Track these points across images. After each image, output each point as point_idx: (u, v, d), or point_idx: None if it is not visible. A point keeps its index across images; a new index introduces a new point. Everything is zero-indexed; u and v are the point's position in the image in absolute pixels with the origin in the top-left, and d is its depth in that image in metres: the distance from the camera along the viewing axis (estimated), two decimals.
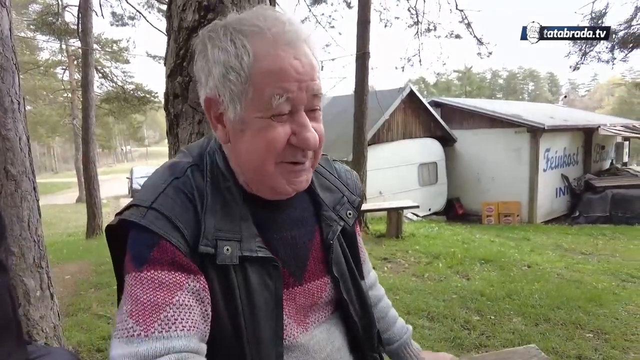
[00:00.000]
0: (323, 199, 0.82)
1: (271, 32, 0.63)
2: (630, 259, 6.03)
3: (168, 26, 1.49)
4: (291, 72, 0.62)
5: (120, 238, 0.68)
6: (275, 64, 0.62)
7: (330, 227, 0.80)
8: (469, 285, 4.16)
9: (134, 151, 65.97)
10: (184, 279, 0.63)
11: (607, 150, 14.78)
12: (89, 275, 4.83)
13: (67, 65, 20.08)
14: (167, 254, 0.63)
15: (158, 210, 0.64)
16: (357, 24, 7.31)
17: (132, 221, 0.63)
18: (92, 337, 3.00)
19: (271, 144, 0.64)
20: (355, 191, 0.89)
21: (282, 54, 0.62)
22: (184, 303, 0.62)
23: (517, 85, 69.22)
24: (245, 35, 0.63)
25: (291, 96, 0.63)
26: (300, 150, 0.67)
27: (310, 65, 0.64)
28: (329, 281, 0.80)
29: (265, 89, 0.62)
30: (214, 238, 0.65)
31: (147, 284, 0.61)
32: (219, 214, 0.68)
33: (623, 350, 2.74)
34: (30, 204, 2.37)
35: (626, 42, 6.02)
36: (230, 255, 0.66)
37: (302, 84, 0.63)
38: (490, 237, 7.61)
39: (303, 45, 0.65)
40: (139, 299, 0.61)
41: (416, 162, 12.38)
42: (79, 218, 13.57)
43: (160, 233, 0.62)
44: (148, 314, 0.59)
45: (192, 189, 0.68)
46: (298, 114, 0.65)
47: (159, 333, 0.59)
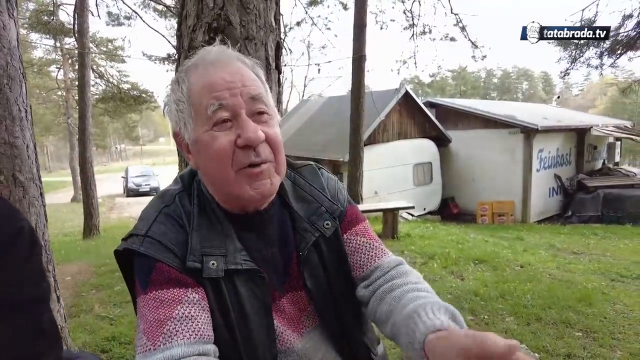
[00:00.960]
0: (297, 210, 0.85)
1: (200, 60, 0.76)
2: (620, 258, 6.17)
3: (178, 45, 1.57)
4: (220, 82, 0.72)
5: (126, 259, 0.78)
6: (204, 80, 0.73)
7: (304, 239, 0.84)
8: (463, 285, 4.26)
9: (128, 150, 65.62)
10: (182, 293, 0.72)
11: (599, 150, 14.96)
12: (90, 277, 4.87)
13: (61, 63, 20.00)
14: (164, 274, 0.72)
15: (152, 237, 0.74)
16: (353, 27, 7.40)
17: (133, 249, 0.74)
18: (97, 338, 3.06)
19: (220, 151, 0.72)
20: (338, 201, 0.91)
21: (210, 71, 0.74)
22: (184, 315, 0.70)
23: (511, 84, 69.58)
24: (184, 72, 0.77)
25: (224, 102, 0.71)
26: (252, 150, 0.72)
27: (241, 75, 0.74)
28: (305, 292, 0.85)
29: (202, 103, 0.72)
30: (200, 254, 0.74)
31: (151, 303, 0.71)
32: (205, 232, 0.76)
33: (610, 348, 2.85)
34: (37, 209, 2.43)
35: (614, 49, 6.18)
36: (216, 269, 0.74)
37: (234, 90, 0.72)
38: (484, 237, 7.72)
39: (231, 61, 0.76)
40: (147, 318, 0.70)
41: (411, 162, 12.49)
42: (75, 218, 13.57)
43: (155, 257, 0.72)
44: (154, 330, 0.69)
45: (180, 214, 0.78)
46: (238, 118, 0.72)
47: (163, 345, 0.68)
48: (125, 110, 17.99)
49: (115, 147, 62.05)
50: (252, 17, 1.46)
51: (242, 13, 1.43)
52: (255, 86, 0.75)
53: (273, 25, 1.54)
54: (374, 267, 0.90)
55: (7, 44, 2.29)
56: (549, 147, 12.72)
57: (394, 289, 0.82)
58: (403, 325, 0.69)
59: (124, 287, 4.28)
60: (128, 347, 2.89)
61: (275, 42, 1.57)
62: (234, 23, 1.44)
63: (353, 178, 7.52)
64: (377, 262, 0.90)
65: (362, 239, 0.92)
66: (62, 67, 20.03)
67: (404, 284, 0.83)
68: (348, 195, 0.98)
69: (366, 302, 0.88)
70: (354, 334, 0.90)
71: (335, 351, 0.89)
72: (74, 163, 19.71)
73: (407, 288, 0.81)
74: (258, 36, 1.47)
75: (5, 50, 2.27)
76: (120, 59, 18.82)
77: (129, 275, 0.79)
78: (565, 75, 7.55)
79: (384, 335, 0.83)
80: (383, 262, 0.90)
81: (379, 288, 0.86)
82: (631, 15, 5.85)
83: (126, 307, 3.74)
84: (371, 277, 0.89)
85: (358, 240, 0.91)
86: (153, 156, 55.77)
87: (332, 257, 0.87)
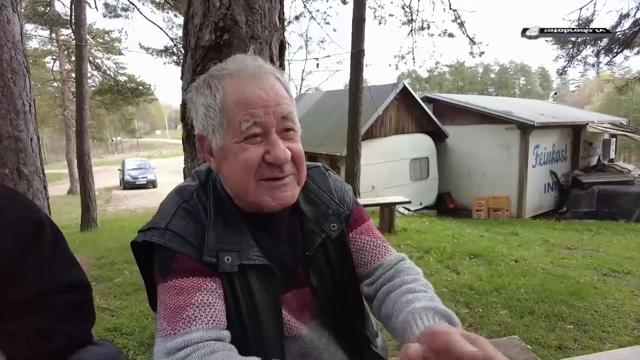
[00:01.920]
0: (305, 212, 0.90)
1: (236, 71, 0.77)
2: (612, 254, 6.26)
3: (185, 43, 1.60)
4: (256, 100, 0.75)
5: (143, 250, 0.82)
6: (241, 94, 0.75)
7: (310, 240, 0.88)
8: (458, 279, 4.32)
9: (124, 142, 65.32)
10: (201, 282, 0.77)
11: (594, 146, 15.08)
12: (89, 269, 4.90)
13: (57, 55, 19.83)
14: (185, 264, 0.77)
15: (173, 231, 0.78)
16: (352, 22, 7.40)
17: (153, 242, 0.78)
18: (98, 329, 3.09)
19: (247, 163, 0.76)
20: (344, 204, 0.96)
21: (246, 85, 0.76)
22: (202, 302, 0.75)
23: (508, 80, 69.66)
24: (217, 79, 0.78)
25: (258, 120, 0.75)
26: (277, 167, 0.77)
27: (275, 93, 0.77)
28: (310, 290, 0.90)
29: (236, 116, 0.75)
30: (216, 250, 0.78)
31: (172, 290, 0.76)
32: (220, 229, 0.81)
33: (600, 340, 2.92)
34: (41, 202, 2.47)
35: (611, 47, 6.24)
36: (231, 264, 0.79)
37: (268, 109, 0.75)
38: (479, 232, 7.80)
39: (267, 77, 0.78)
40: (167, 304, 0.75)
41: (408, 157, 12.55)
42: (71, 210, 13.54)
43: (176, 249, 0.77)
44: (174, 315, 0.74)
45: (198, 209, 0.82)
46: (269, 135, 0.76)
47: (182, 330, 0.72)
48: (122, 102, 17.90)
49: (112, 140, 61.72)
50: (257, 17, 1.49)
51: (247, 13, 1.47)
52: (287, 105, 0.78)
53: (277, 24, 1.58)
54: (377, 265, 0.94)
55: (11, 38, 2.31)
56: (545, 143, 12.82)
57: (391, 291, 0.87)
58: (399, 333, 0.75)
59: (125, 280, 4.33)
60: (129, 338, 2.93)
61: (279, 41, 1.61)
62: (240, 22, 1.47)
63: (350, 173, 7.57)
64: (380, 261, 0.94)
65: (366, 237, 0.96)
66: (57, 59, 19.86)
67: (400, 285, 0.87)
68: (354, 196, 1.02)
69: (370, 299, 0.94)
70: (357, 327, 0.96)
71: (337, 341, 0.95)
72: (70, 155, 19.64)
73: (403, 290, 0.85)
74: (263, 35, 1.51)
75: (10, 44, 2.30)
76: (117, 51, 18.70)
77: (145, 266, 0.84)
78: (563, 73, 7.63)
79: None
80: (385, 260, 0.94)
81: (381, 287, 0.91)
82: (628, 15, 5.91)
83: (127, 299, 3.78)
84: (374, 274, 0.94)
85: (363, 239, 0.96)
86: (149, 149, 55.56)
87: (337, 257, 0.92)
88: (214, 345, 0.72)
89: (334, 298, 0.92)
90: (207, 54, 1.48)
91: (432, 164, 13.26)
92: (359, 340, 0.97)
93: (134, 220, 11.10)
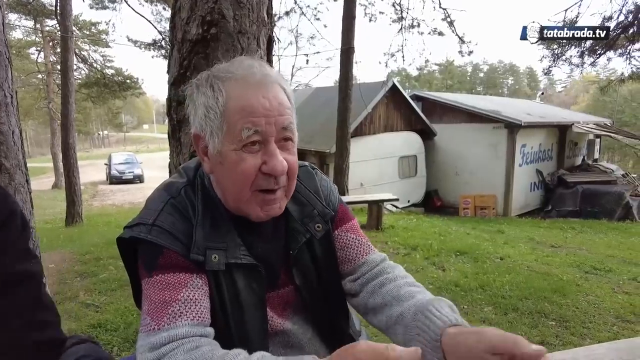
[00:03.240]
0: (292, 212, 0.90)
1: (241, 76, 0.76)
2: (594, 252, 6.38)
3: (171, 36, 1.58)
4: (259, 109, 0.74)
5: (129, 246, 0.81)
6: (245, 102, 0.74)
7: (295, 239, 0.89)
8: (444, 276, 4.37)
9: (111, 136, 64.39)
10: (187, 277, 0.77)
11: (579, 146, 15.32)
12: (74, 264, 4.84)
13: (42, 46, 19.43)
14: (172, 260, 0.77)
15: (160, 227, 0.78)
16: (342, 19, 7.39)
17: (140, 237, 0.77)
18: (82, 325, 3.06)
19: (244, 174, 0.76)
20: (330, 204, 0.97)
21: (250, 93, 0.75)
22: (188, 298, 0.75)
23: (497, 79, 70.36)
24: (221, 80, 0.77)
25: (259, 129, 0.74)
26: (273, 178, 0.77)
27: (278, 103, 0.76)
28: (294, 289, 0.91)
29: (237, 123, 0.74)
30: (204, 248, 0.78)
31: (157, 285, 0.75)
32: (208, 228, 0.81)
33: (581, 336, 2.99)
34: (23, 196, 2.42)
35: (594, 49, 6.36)
36: (218, 262, 0.79)
37: (270, 119, 0.75)
38: (466, 230, 7.89)
39: (272, 86, 0.77)
40: (152, 299, 0.75)
41: (397, 154, 12.62)
42: (56, 205, 13.33)
43: (164, 244, 0.76)
44: (159, 311, 0.73)
45: (186, 206, 0.82)
46: (268, 145, 0.76)
47: (167, 325, 0.72)
48: (109, 96, 17.64)
49: (98, 134, 60.84)
50: (245, 12, 1.48)
51: (235, 7, 1.46)
52: (287, 115, 0.78)
53: (265, 19, 1.56)
54: (361, 262, 0.97)
55: None
56: (531, 142, 12.98)
57: (386, 284, 0.89)
58: (411, 320, 0.75)
59: (110, 275, 4.28)
60: (114, 334, 2.91)
61: (267, 37, 1.60)
62: (227, 17, 1.46)
63: (339, 170, 7.58)
64: (365, 258, 0.97)
65: (351, 235, 0.99)
66: (42, 50, 19.47)
67: (395, 279, 0.90)
68: (339, 195, 1.04)
69: (354, 294, 0.95)
70: (340, 325, 0.98)
71: (321, 339, 0.96)
72: (55, 149, 19.29)
73: (401, 283, 0.88)
74: (250, 30, 1.50)
75: None
76: (104, 44, 18.40)
77: (131, 262, 0.83)
78: (548, 72, 7.74)
79: (373, 326, 0.90)
80: (369, 258, 0.97)
81: (368, 282, 0.93)
82: (611, 17, 6.03)
83: (112, 295, 3.74)
84: (358, 271, 0.96)
85: (348, 237, 0.98)
86: (136, 143, 54.82)
87: (322, 256, 0.93)
88: (199, 340, 0.72)
89: (318, 296, 0.92)
90: (193, 48, 1.46)
91: (420, 162, 13.36)
92: (342, 339, 0.97)
93: (120, 215, 10.97)
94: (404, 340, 0.76)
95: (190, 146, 1.53)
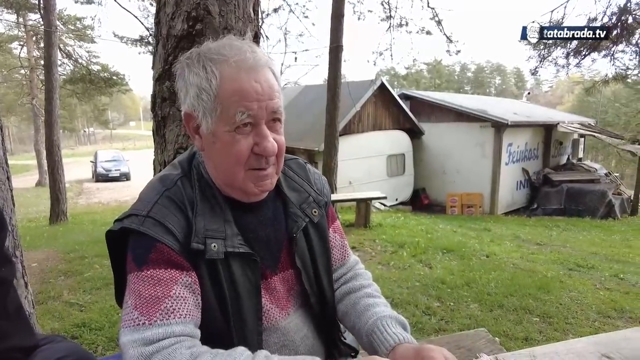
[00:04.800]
0: (290, 198, 0.94)
1: (234, 60, 0.77)
2: (578, 249, 6.51)
3: (156, 32, 1.56)
4: (252, 93, 0.76)
5: (118, 241, 0.80)
6: (238, 86, 0.76)
7: (295, 223, 0.92)
8: (431, 273, 4.41)
9: (97, 133, 63.43)
10: (178, 274, 0.76)
11: (564, 146, 15.55)
12: (58, 263, 4.76)
13: (24, 41, 19.01)
14: (164, 255, 0.75)
15: (154, 218, 0.77)
16: (331, 17, 7.37)
17: (132, 228, 0.76)
18: (66, 324, 3.02)
19: (237, 155, 0.78)
20: (322, 192, 1.01)
21: (244, 77, 0.76)
22: (180, 295, 0.75)
23: (484, 79, 71.11)
24: (214, 62, 0.77)
25: (252, 113, 0.76)
26: (263, 158, 0.80)
27: (269, 87, 0.78)
28: (294, 273, 0.93)
29: (231, 106, 0.76)
30: (204, 237, 0.78)
31: (148, 280, 0.74)
32: (207, 217, 0.81)
33: (563, 332, 3.05)
34: (4, 193, 2.37)
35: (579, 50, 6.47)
36: (217, 251, 0.79)
37: (262, 102, 0.77)
38: (452, 228, 7.97)
39: (263, 70, 0.79)
40: (141, 294, 0.73)
41: (385, 153, 12.67)
42: (40, 203, 13.11)
43: (157, 237, 0.75)
44: (150, 306, 0.72)
45: (182, 197, 0.82)
46: (259, 127, 0.78)
47: (160, 321, 0.71)
48: (94, 92, 17.31)
49: (84, 131, 59.84)
50: (231, 8, 1.47)
51: (221, 3, 1.44)
52: (277, 99, 0.80)
53: (252, 15, 1.56)
54: (341, 264, 1.06)
55: None
56: (518, 141, 13.14)
57: (350, 293, 1.01)
58: (366, 335, 0.89)
59: (95, 274, 4.23)
60: (99, 333, 2.87)
61: (254, 33, 1.59)
62: (213, 13, 1.45)
63: (328, 168, 7.57)
64: (345, 260, 1.07)
65: (337, 236, 1.06)
66: (25, 45, 19.04)
67: (359, 288, 1.02)
68: (330, 191, 1.08)
69: None
70: (332, 315, 1.00)
71: (315, 331, 0.98)
72: (39, 146, 18.91)
73: (361, 294, 1.00)
74: (237, 26, 1.49)
75: None
76: (89, 39, 18.07)
77: (118, 256, 0.81)
78: (535, 73, 7.85)
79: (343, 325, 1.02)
80: (347, 262, 1.08)
81: (341, 286, 1.04)
82: (595, 19, 6.14)
83: (97, 293, 3.69)
84: (336, 273, 1.05)
85: (335, 238, 1.05)
86: (123, 140, 54.10)
87: (317, 242, 0.96)
88: (194, 342, 0.73)
89: (315, 281, 0.95)
90: (179, 44, 1.44)
91: (408, 161, 13.43)
92: (332, 329, 1.01)
93: (106, 213, 10.82)
94: (362, 345, 0.92)
95: (175, 143, 1.52)
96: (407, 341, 0.83)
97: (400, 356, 0.79)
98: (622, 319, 3.36)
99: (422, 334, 2.97)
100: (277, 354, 0.88)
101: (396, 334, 0.84)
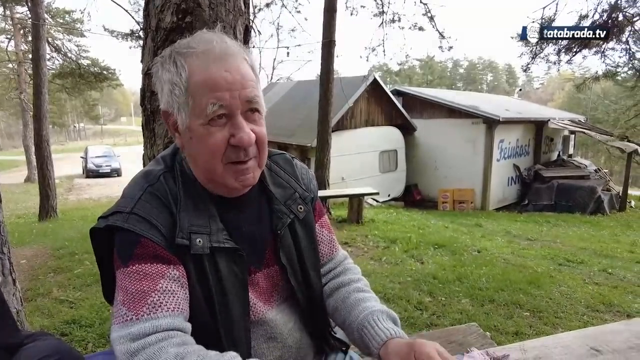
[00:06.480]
0: (275, 194, 0.93)
1: (202, 51, 0.76)
2: (568, 244, 6.58)
3: (145, 24, 1.53)
4: (222, 83, 0.74)
5: (103, 238, 0.79)
6: (207, 76, 0.75)
7: (280, 219, 0.91)
8: (422, 268, 4.43)
9: (87, 129, 62.69)
10: (165, 268, 0.75)
11: (555, 142, 15.68)
12: (47, 260, 4.71)
13: (12, 34, 18.68)
14: (149, 249, 0.75)
15: (138, 215, 0.76)
16: (323, 12, 7.34)
17: (116, 225, 0.75)
18: (55, 321, 2.98)
19: (213, 148, 0.77)
20: (309, 188, 1.00)
21: (212, 67, 0.75)
22: (167, 289, 0.74)
23: (476, 75, 71.43)
24: (182, 56, 0.77)
25: (224, 103, 0.75)
26: (242, 150, 0.78)
27: (241, 75, 0.76)
28: (279, 270, 0.92)
29: (202, 98, 0.75)
30: (188, 232, 0.78)
31: (134, 276, 0.73)
32: (192, 212, 0.80)
33: (553, 326, 3.08)
34: None
35: (570, 47, 6.53)
36: (202, 246, 0.78)
37: (234, 92, 0.75)
38: (444, 223, 8.01)
39: (233, 58, 0.77)
40: (128, 289, 0.73)
41: (377, 149, 12.69)
42: (29, 199, 12.94)
43: (141, 233, 0.74)
44: (137, 301, 0.72)
45: (166, 193, 0.80)
46: (234, 118, 0.77)
47: (147, 315, 0.71)
48: (84, 87, 17.06)
49: (74, 126, 59.11)
50: (221, 0, 1.45)
51: None
52: (252, 87, 0.78)
53: (242, 8, 1.53)
54: (329, 259, 1.05)
55: None
56: (509, 138, 13.23)
57: (340, 288, 1.00)
58: (357, 330, 0.88)
59: (85, 270, 4.19)
60: (89, 330, 2.85)
61: (244, 26, 1.57)
62: (202, 5, 1.42)
63: (320, 163, 7.56)
64: (333, 255, 1.06)
65: (325, 231, 1.05)
66: (13, 38, 18.72)
67: (349, 283, 1.00)
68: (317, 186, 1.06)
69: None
70: (321, 310, 0.99)
71: (302, 324, 0.97)
72: (27, 141, 18.60)
73: (351, 288, 0.99)
74: (227, 19, 1.47)
75: None
76: (79, 33, 17.80)
77: (104, 254, 0.80)
78: (527, 69, 7.91)
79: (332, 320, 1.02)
80: (336, 256, 1.06)
81: (329, 281, 1.03)
82: (587, 16, 6.19)
83: (87, 290, 3.66)
84: (325, 267, 1.04)
85: (322, 233, 1.04)
86: (114, 136, 53.60)
87: (304, 238, 0.95)
88: (184, 337, 0.72)
89: (301, 276, 0.94)
90: (168, 37, 1.42)
91: (400, 157, 13.47)
92: (321, 324, 1.00)
93: (96, 209, 10.71)
94: (352, 342, 0.92)
95: (165, 137, 1.50)
96: (399, 336, 0.83)
97: (392, 351, 0.78)
98: (610, 312, 3.41)
99: (414, 329, 2.98)
100: (265, 345, 0.89)
101: (387, 328, 0.84)
